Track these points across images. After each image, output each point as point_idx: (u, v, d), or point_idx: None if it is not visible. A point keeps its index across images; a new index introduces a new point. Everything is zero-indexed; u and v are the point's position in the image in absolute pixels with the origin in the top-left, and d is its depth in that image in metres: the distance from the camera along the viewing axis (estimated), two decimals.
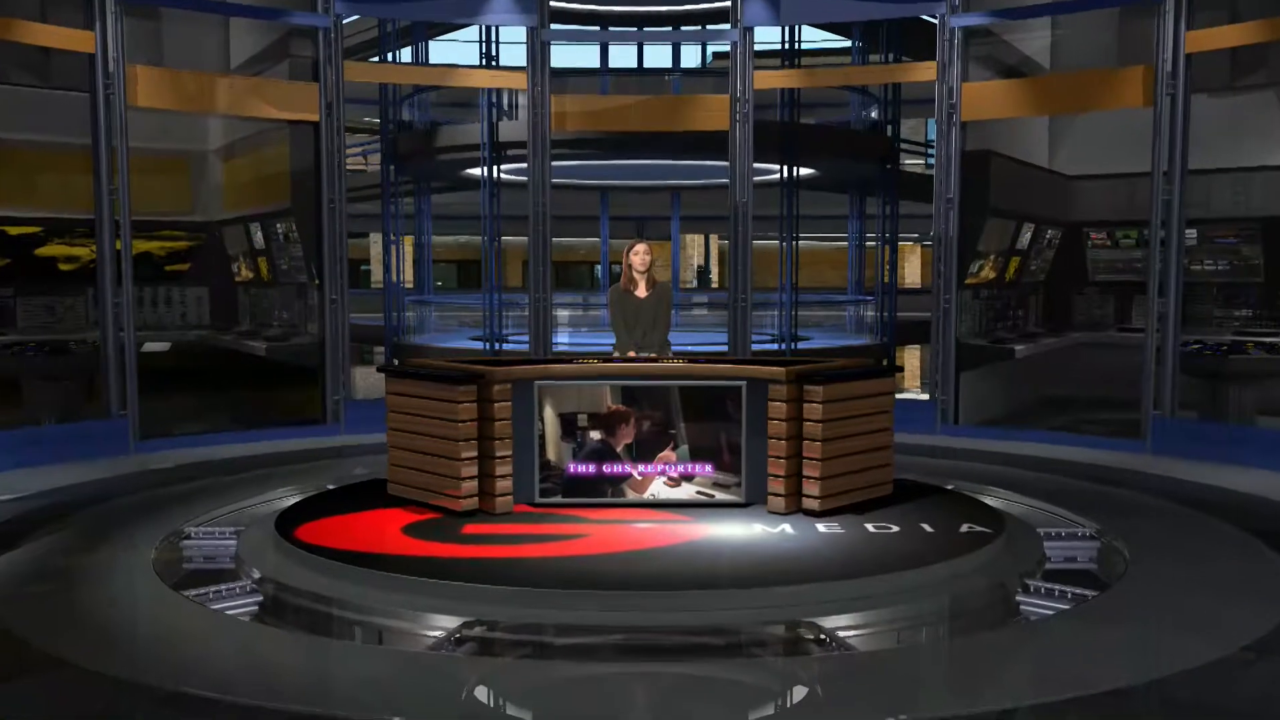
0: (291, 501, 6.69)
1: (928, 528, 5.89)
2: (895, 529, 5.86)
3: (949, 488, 7.09)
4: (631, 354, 7.27)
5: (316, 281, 10.12)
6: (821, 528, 5.90)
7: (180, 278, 11.45)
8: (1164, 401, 8.99)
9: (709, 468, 6.35)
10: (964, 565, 5.32)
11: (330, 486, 7.21)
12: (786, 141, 12.91)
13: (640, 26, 15.72)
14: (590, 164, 14.34)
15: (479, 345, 12.98)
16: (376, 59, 14.73)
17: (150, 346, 10.71)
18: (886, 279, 14.05)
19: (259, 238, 11.45)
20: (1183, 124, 8.91)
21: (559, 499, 6.34)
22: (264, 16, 10.14)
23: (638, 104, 11.72)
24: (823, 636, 4.49)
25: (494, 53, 13.68)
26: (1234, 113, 9.63)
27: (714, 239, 30.02)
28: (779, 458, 6.21)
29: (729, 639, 4.54)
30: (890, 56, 14.25)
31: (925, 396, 10.41)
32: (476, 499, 6.19)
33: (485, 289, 12.55)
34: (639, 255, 7.30)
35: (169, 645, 4.46)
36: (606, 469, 6.35)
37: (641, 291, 7.36)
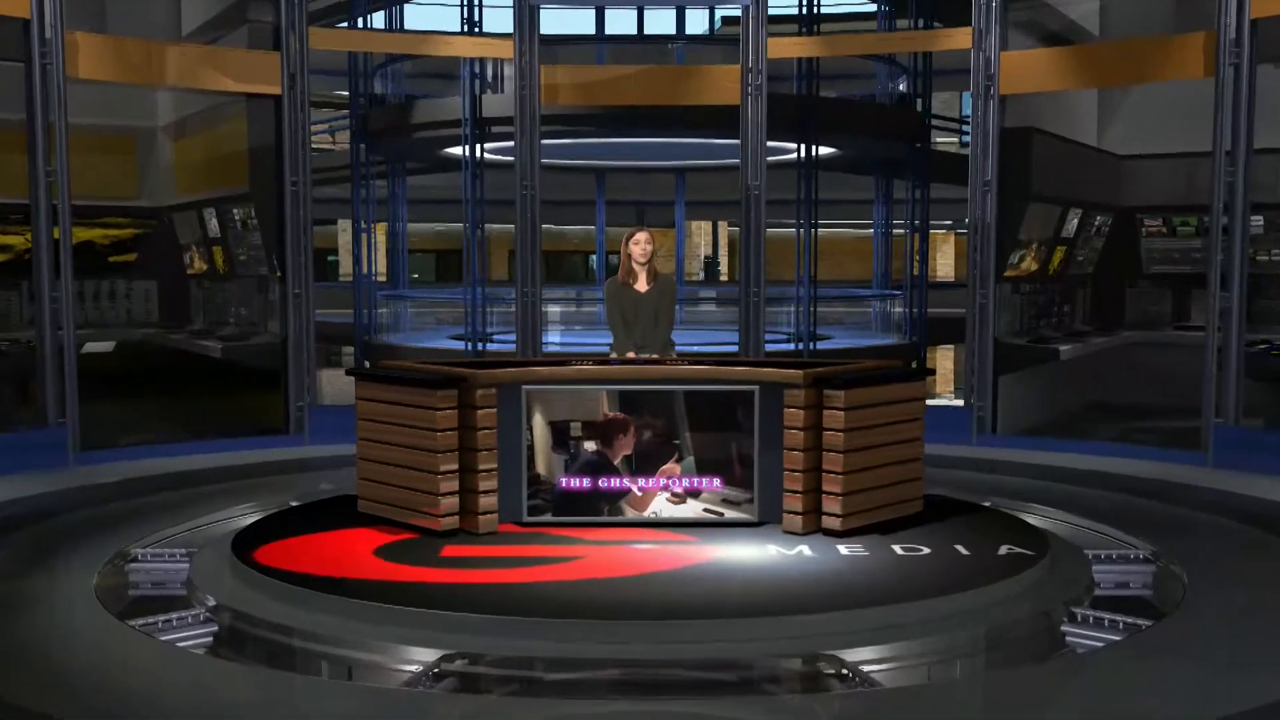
0: (250, 520, 6.69)
1: (962, 550, 5.90)
2: (926, 551, 5.87)
3: (986, 505, 7.09)
4: (631, 355, 7.28)
5: (278, 274, 10.14)
6: (843, 549, 5.91)
7: (126, 270, 11.47)
8: (1226, 408, 9.00)
9: (717, 482, 6.37)
10: (1003, 591, 5.32)
11: (293, 503, 7.20)
12: (804, 117, 12.94)
13: None
14: (584, 142, 14.37)
15: (460, 346, 13.02)
16: (345, 25, 14.76)
17: (92, 347, 10.72)
18: (916, 271, 14.08)
19: (214, 225, 11.47)
20: (1248, 97, 8.92)
21: (549, 518, 6.35)
22: None
23: (638, 75, 11.74)
24: (845, 671, 4.49)
25: (477, 18, 13.70)
26: None
27: (723, 226, 30.05)
28: (796, 471, 6.21)
29: (740, 674, 4.54)
30: (920, 22, 14.28)
31: (959, 403, 10.42)
32: (457, 518, 6.20)
33: (467, 282, 12.57)
34: (639, 245, 7.32)
35: (113, 681, 4.44)
36: (603, 484, 6.36)
37: (642, 285, 7.38)
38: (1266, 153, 9.28)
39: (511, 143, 10.62)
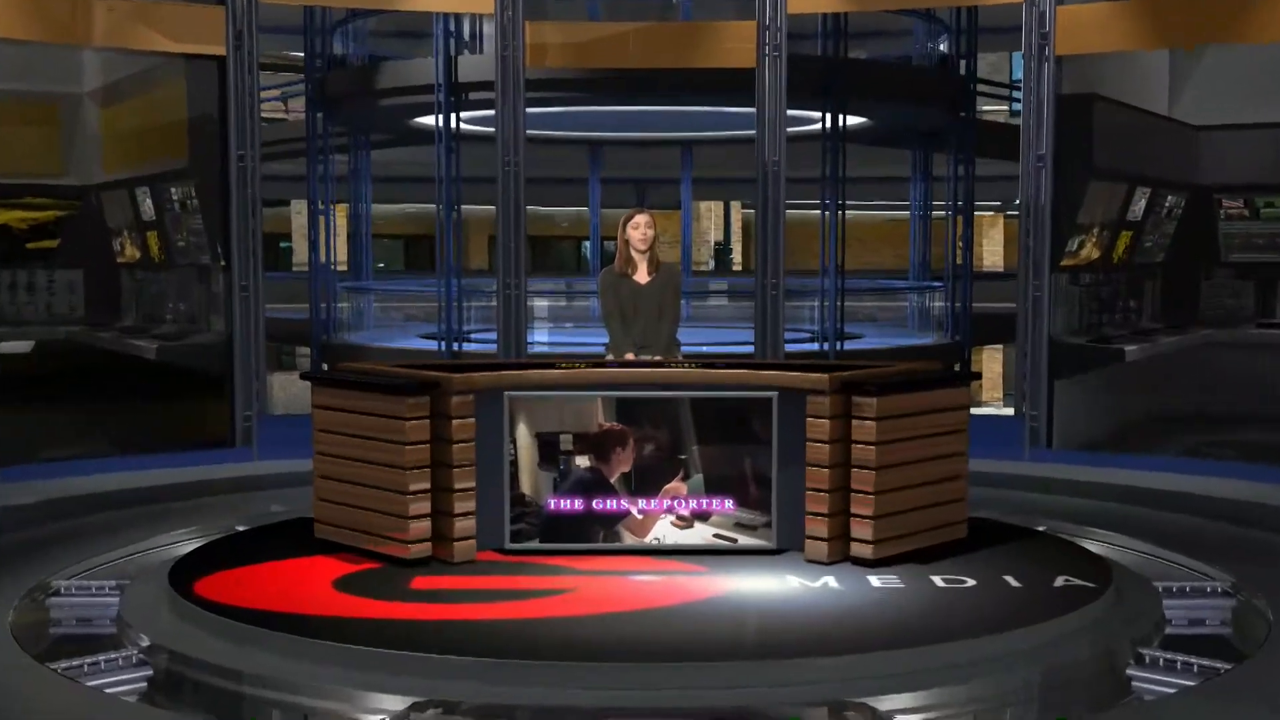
0: (190, 547, 6.69)
1: (1013, 581, 5.91)
2: (970, 583, 5.89)
3: (1040, 530, 7.12)
4: (629, 356, 7.28)
5: (223, 263, 10.15)
6: (875, 581, 5.92)
7: (47, 258, 11.49)
8: None
9: (729, 503, 6.38)
10: (1060, 629, 5.31)
11: (240, 528, 7.22)
12: (830, 82, 12.95)
13: None
14: (577, 111, 14.37)
15: (432, 346, 13.05)
16: None
17: (6, 347, 10.72)
18: (959, 260, 14.08)
19: (149, 206, 11.48)
20: None
21: (536, 544, 6.36)
22: None
23: (638, 33, 11.75)
24: None
25: None
26: None
27: (736, 208, 30.07)
28: (820, 491, 6.20)
29: None
30: None
31: (1009, 412, 10.42)
32: (429, 544, 6.20)
33: (441, 273, 12.59)
34: (638, 229, 7.32)
35: None
36: (597, 505, 6.37)
37: (642, 276, 7.39)
38: None
39: (492, 111, 10.62)
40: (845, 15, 12.73)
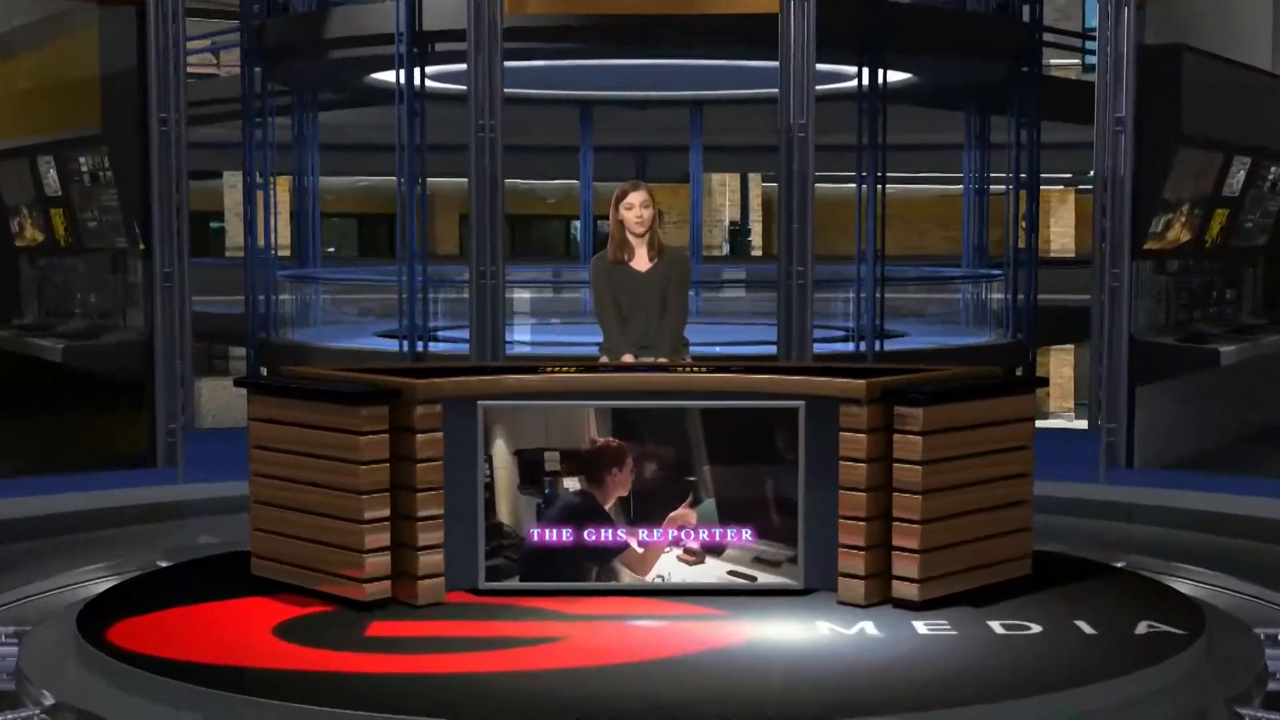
0: (103, 587, 6.67)
1: (1086, 628, 5.90)
2: (1036, 629, 5.88)
3: (1119, 566, 7.11)
4: (628, 358, 7.26)
5: (141, 246, 10.12)
6: (923, 627, 5.91)
7: None
8: None
9: (747, 534, 6.37)
10: (1142, 686, 5.30)
11: (162, 563, 7.21)
12: (868, 30, 12.93)
13: None
14: (565, 65, 14.36)
15: (393, 346, 13.05)
16: None
17: None
18: (1022, 243, 14.07)
19: (53, 178, 11.45)
20: None
21: (516, 583, 6.33)
22: None
23: None
24: None
25: None
26: None
27: (755, 181, 30.07)
28: (856, 519, 6.18)
29: None
30: None
31: (1082, 425, 10.41)
32: (388, 583, 6.18)
33: (402, 258, 12.56)
34: (633, 210, 7.27)
35: None
36: (590, 536, 6.36)
37: (642, 263, 7.36)
38: None
39: (463, 66, 10.62)
40: None
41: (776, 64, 10.44)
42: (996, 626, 5.90)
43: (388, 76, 13.68)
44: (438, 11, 12.82)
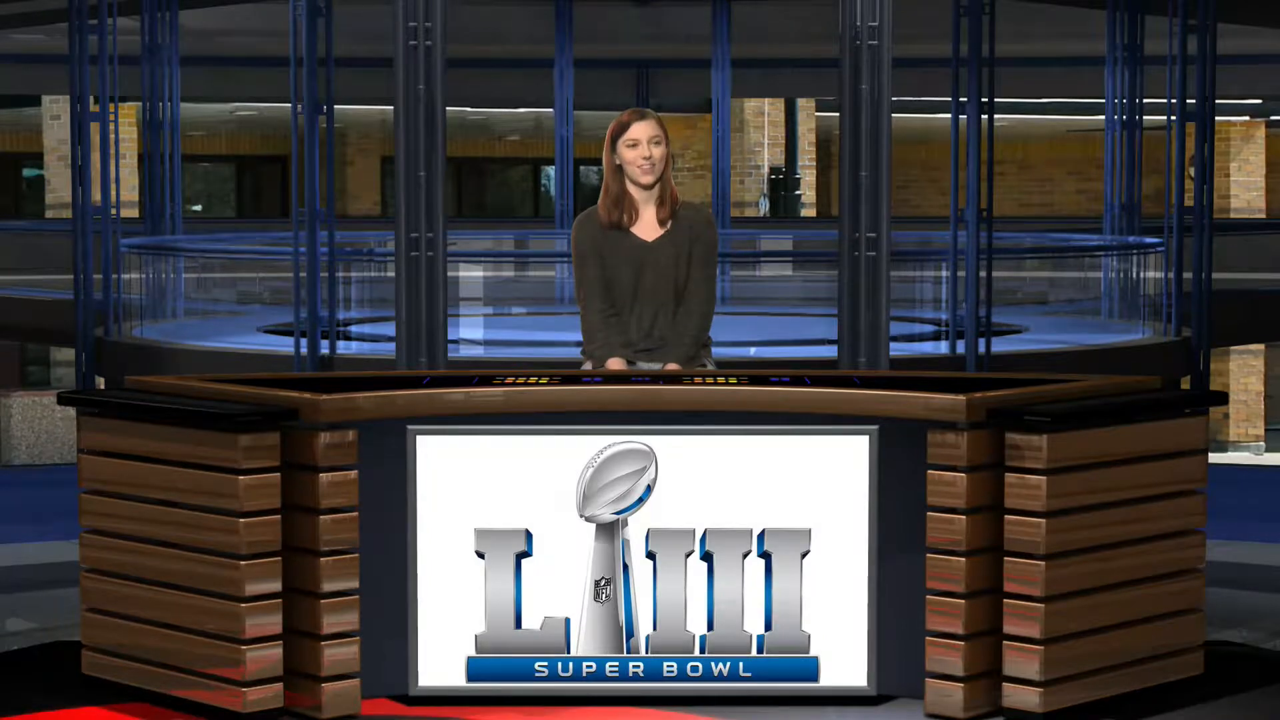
0: None
1: None
2: None
3: None
4: (617, 365, 6.37)
5: None
6: None
7: None
8: None
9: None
10: None
11: None
12: None
13: None
14: None
15: (286, 346, 11.91)
16: None
17: None
18: (1190, 200, 12.95)
19: None
20: None
21: (462, 684, 5.70)
22: None
23: None
24: None
25: None
26: None
27: (805, 107, 28.05)
28: (951, 595, 5.53)
29: None
30: None
31: (1276, 459, 9.55)
32: (280, 687, 5.54)
33: (299, 220, 11.16)
34: (638, 147, 6.35)
35: None
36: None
37: (649, 227, 6.45)
38: None
39: None
40: None
41: None
42: None
43: None
44: None
